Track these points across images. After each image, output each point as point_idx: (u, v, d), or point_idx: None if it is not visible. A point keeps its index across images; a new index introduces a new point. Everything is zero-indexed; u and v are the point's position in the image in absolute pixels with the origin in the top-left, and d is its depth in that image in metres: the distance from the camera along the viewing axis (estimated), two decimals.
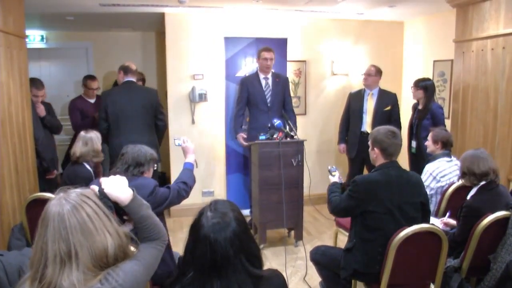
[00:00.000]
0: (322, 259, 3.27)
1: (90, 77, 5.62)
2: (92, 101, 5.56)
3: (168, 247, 2.98)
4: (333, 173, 3.52)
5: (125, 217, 1.81)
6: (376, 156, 2.99)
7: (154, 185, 2.82)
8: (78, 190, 1.58)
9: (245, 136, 5.09)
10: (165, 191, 2.89)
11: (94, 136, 3.75)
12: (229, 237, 1.63)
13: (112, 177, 1.82)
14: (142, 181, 2.81)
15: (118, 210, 1.76)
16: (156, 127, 4.79)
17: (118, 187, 1.77)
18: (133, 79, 4.75)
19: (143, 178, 2.87)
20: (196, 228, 1.67)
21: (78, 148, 3.66)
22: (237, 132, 5.18)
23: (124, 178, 1.84)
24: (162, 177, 6.44)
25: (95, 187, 1.74)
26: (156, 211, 2.82)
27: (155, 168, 3.03)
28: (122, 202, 1.75)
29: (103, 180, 1.79)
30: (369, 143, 3.05)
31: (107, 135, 4.60)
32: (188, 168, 3.23)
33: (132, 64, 4.81)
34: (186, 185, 3.03)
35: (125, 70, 4.75)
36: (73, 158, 3.66)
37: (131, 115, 4.57)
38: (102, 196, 1.71)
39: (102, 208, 1.58)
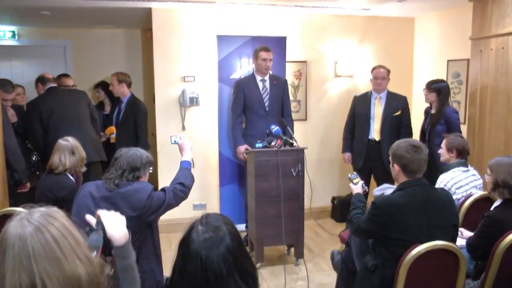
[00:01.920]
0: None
1: (64, 75, 5.62)
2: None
3: (158, 258, 3.00)
4: (354, 181, 3.43)
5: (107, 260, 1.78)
6: (397, 173, 2.92)
7: (151, 188, 2.87)
8: (43, 208, 1.44)
9: (248, 148, 4.95)
10: (160, 194, 2.93)
11: (78, 143, 3.73)
12: (222, 254, 1.60)
13: (113, 213, 1.82)
14: (139, 185, 2.86)
15: (104, 251, 1.73)
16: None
17: (117, 224, 1.76)
18: (55, 85, 5.10)
19: (139, 183, 2.91)
20: (185, 244, 1.65)
21: (67, 159, 3.64)
22: (238, 142, 5.10)
23: (123, 217, 1.85)
24: None
25: (90, 218, 1.75)
26: (154, 216, 2.85)
27: (150, 171, 3.06)
28: (117, 241, 1.74)
29: (103, 214, 1.79)
30: (389, 158, 3.00)
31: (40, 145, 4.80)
32: (185, 167, 3.27)
33: (46, 74, 5.19)
34: (183, 186, 3.07)
35: (42, 80, 5.12)
36: (59, 170, 3.63)
37: (71, 116, 4.77)
38: (99, 228, 1.68)
39: (71, 230, 1.44)
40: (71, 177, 3.68)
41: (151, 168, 3.06)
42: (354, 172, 3.57)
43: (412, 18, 6.42)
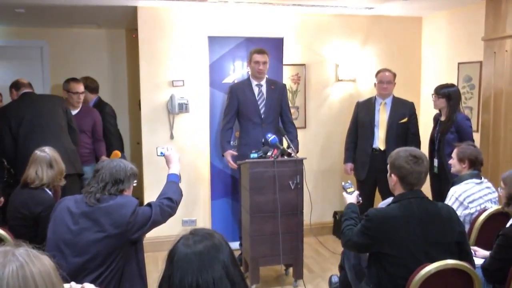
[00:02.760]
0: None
1: (73, 80, 5.49)
2: (75, 111, 5.34)
3: (142, 279, 2.98)
4: (348, 190, 3.45)
5: None
6: (394, 184, 2.94)
7: (136, 203, 2.87)
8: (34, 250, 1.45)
9: (234, 153, 5.07)
10: (146, 209, 2.92)
11: (56, 155, 3.70)
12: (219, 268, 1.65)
13: None
14: (122, 200, 2.85)
15: None
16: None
17: None
18: (30, 90, 5.07)
19: (123, 197, 2.90)
20: (173, 254, 1.68)
21: (44, 173, 3.61)
22: (224, 148, 5.14)
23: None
24: None
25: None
26: (139, 234, 2.84)
27: (135, 184, 3.06)
28: None
29: None
30: (388, 167, 3.00)
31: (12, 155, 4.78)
32: (173, 181, 3.27)
33: (21, 79, 5.20)
34: (171, 201, 3.07)
35: (16, 86, 5.13)
36: (35, 185, 3.59)
37: (44, 124, 4.74)
38: None
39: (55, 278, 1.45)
40: (48, 191, 3.65)
41: (135, 181, 3.05)
42: (349, 181, 3.58)
43: (419, 17, 6.45)
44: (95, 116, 5.48)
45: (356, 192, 3.44)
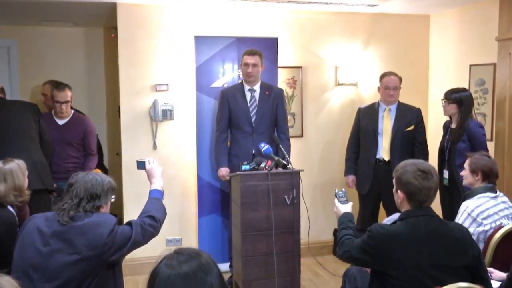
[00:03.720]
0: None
1: (57, 86, 5.36)
2: (61, 122, 5.29)
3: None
4: (341, 199, 3.45)
5: None
6: (401, 201, 2.93)
7: (114, 222, 2.83)
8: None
9: (228, 170, 5.04)
10: (125, 229, 2.90)
11: (16, 168, 3.62)
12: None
13: None
14: (99, 218, 2.82)
15: None
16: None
17: None
18: (1, 96, 5.03)
19: (100, 214, 2.87)
20: (155, 276, 1.67)
21: None
22: (220, 163, 5.13)
23: None
24: None
25: None
26: (117, 256, 2.82)
27: (113, 200, 3.03)
28: None
29: None
30: (393, 181, 3.00)
31: None
32: (155, 197, 3.26)
33: None
34: (154, 219, 3.05)
35: None
36: None
37: (11, 133, 4.69)
38: None
39: None
40: (11, 209, 3.57)
41: (113, 196, 3.03)
42: (343, 189, 3.58)
43: (426, 15, 6.49)
44: (86, 127, 5.37)
45: (351, 203, 3.45)
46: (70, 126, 5.30)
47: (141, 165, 3.50)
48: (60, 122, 5.29)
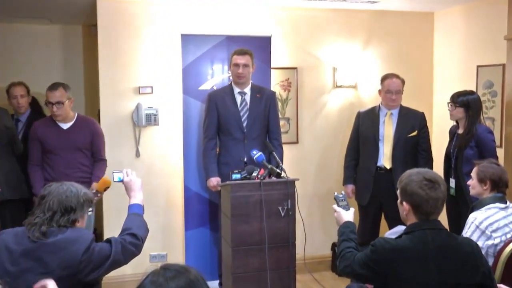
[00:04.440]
0: None
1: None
2: (66, 126, 5.05)
3: None
4: (341, 203, 3.42)
5: None
6: (406, 213, 2.93)
7: (90, 238, 2.79)
8: None
9: (219, 179, 5.03)
10: (104, 247, 2.85)
11: None
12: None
13: None
14: (74, 234, 2.77)
15: None
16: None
17: None
18: None
19: (75, 230, 2.82)
20: None
21: None
22: (210, 172, 5.11)
23: None
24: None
25: None
26: (94, 276, 2.78)
27: (89, 213, 3.01)
28: None
29: None
30: (397, 192, 3.00)
31: None
32: (136, 213, 3.21)
33: None
34: (136, 237, 3.00)
35: None
36: None
37: None
38: None
39: None
40: None
41: (90, 209, 3.00)
42: (343, 192, 3.54)
43: (430, 13, 6.52)
44: (95, 129, 5.17)
45: (353, 209, 3.43)
46: (76, 130, 5.06)
47: (118, 177, 3.45)
48: (65, 126, 5.03)
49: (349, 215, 3.35)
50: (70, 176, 4.63)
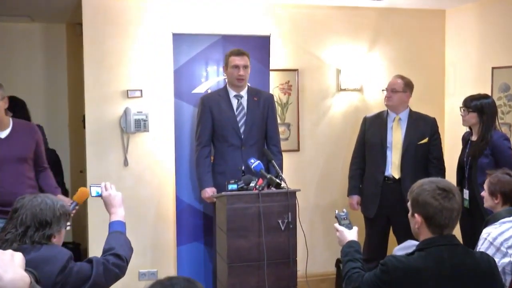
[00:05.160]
0: None
1: None
2: (3, 134, 4.57)
3: None
4: (343, 222, 3.41)
5: None
6: (418, 226, 2.90)
7: (67, 257, 2.74)
8: None
9: (214, 190, 5.02)
10: (84, 267, 2.81)
11: None
12: None
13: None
14: (48, 252, 2.73)
15: None
16: None
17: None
18: None
19: (51, 247, 2.78)
20: None
21: None
22: (204, 182, 5.10)
23: (19, 254, 1.74)
24: (75, 250, 6.28)
25: None
26: None
27: (67, 228, 2.98)
28: None
29: None
30: (408, 204, 2.99)
31: None
32: (118, 231, 3.19)
33: None
34: (119, 258, 2.98)
35: None
36: None
37: None
38: None
39: None
40: None
41: (68, 224, 2.97)
42: (344, 210, 3.53)
43: (442, 10, 6.54)
44: (36, 135, 4.81)
45: (356, 228, 3.40)
46: (17, 137, 4.64)
47: (96, 191, 3.41)
48: (1, 134, 4.58)
49: (352, 234, 3.32)
50: (14, 194, 3.77)
